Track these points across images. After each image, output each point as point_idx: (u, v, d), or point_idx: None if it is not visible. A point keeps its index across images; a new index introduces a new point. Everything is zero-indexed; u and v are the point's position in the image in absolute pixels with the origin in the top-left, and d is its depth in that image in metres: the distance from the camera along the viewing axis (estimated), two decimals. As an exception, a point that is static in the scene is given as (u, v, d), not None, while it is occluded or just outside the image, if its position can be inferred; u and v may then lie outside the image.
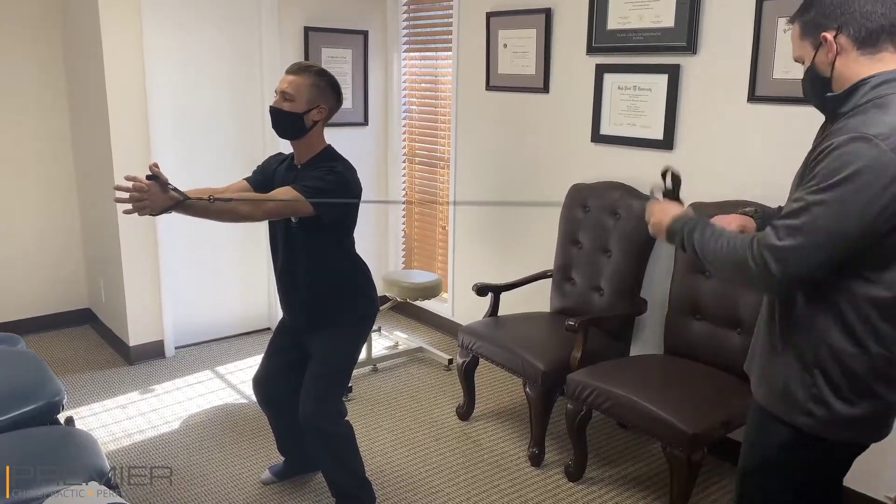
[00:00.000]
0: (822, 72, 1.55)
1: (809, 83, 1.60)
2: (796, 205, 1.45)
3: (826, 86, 1.55)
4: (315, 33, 4.36)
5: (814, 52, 1.55)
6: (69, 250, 4.50)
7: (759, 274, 1.47)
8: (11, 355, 2.67)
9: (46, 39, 4.18)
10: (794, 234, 1.43)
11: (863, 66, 1.50)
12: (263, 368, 2.72)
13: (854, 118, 1.45)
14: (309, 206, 2.24)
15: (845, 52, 1.51)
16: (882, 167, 1.37)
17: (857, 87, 1.49)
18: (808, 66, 1.58)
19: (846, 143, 1.39)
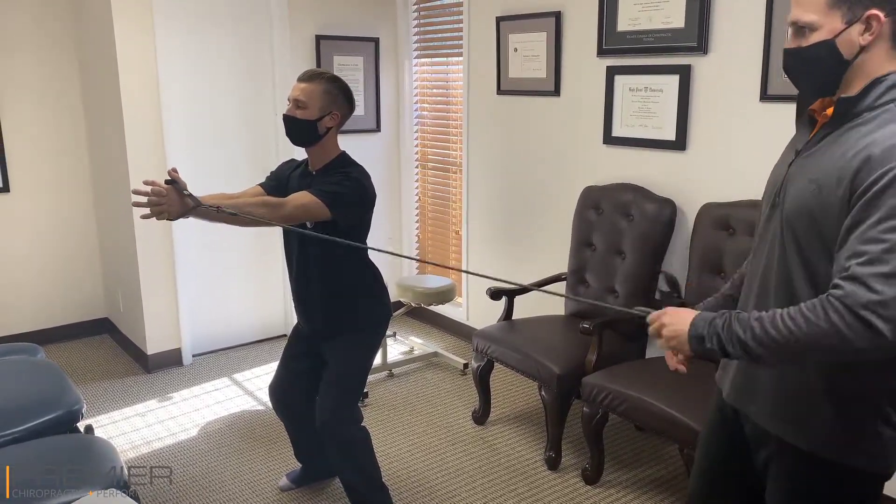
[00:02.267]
0: (843, 52, 1.31)
1: (816, 60, 1.35)
2: (877, 246, 1.19)
3: (840, 70, 1.33)
4: (326, 41, 4.39)
5: (844, 26, 1.30)
6: (86, 261, 4.54)
7: (864, 340, 1.19)
8: (31, 365, 2.70)
9: (61, 52, 4.23)
10: (892, 281, 1.18)
11: (889, 63, 1.31)
12: (279, 375, 2.73)
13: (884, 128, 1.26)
14: (326, 210, 2.25)
15: (881, 40, 1.30)
16: None
17: (872, 86, 1.31)
18: (824, 39, 1.32)
19: None
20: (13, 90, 4.11)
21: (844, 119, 1.34)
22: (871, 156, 1.24)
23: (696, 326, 1.39)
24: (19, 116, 4.16)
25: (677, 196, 3.18)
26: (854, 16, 1.29)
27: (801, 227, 1.37)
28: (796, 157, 1.43)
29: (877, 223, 1.21)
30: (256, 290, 4.46)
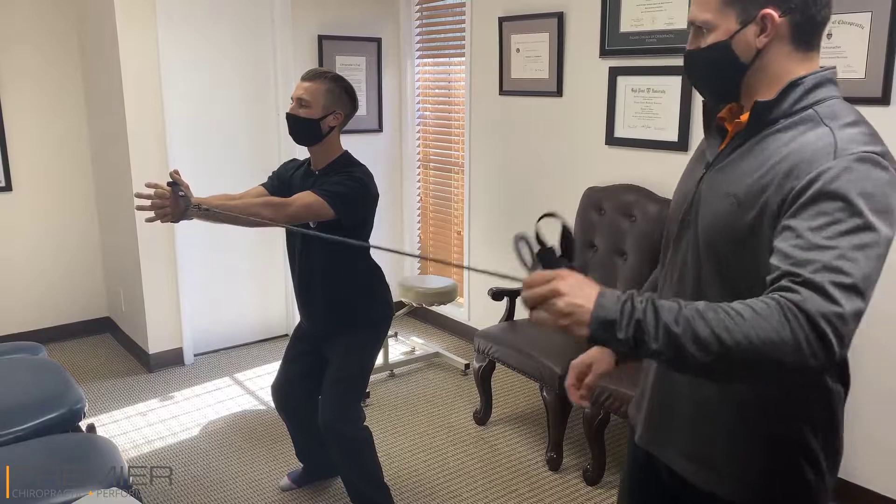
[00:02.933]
0: (740, 55, 1.21)
1: (710, 61, 1.24)
2: (827, 254, 1.04)
3: (738, 74, 1.23)
4: (329, 41, 4.39)
5: (738, 27, 1.19)
6: (88, 260, 4.55)
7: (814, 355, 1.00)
8: (33, 364, 2.71)
9: (65, 52, 4.24)
10: (852, 294, 1.02)
11: (795, 65, 1.21)
12: (281, 375, 2.73)
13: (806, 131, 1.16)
14: (330, 210, 2.26)
15: (780, 41, 1.20)
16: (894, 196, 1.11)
17: (789, 90, 1.20)
18: (720, 40, 1.21)
19: (856, 166, 1.09)
20: (16, 89, 4.12)
21: (760, 125, 1.21)
22: (799, 161, 1.13)
23: (603, 306, 1.03)
24: (22, 115, 4.17)
25: (679, 197, 3.18)
26: (748, 16, 1.19)
27: (721, 245, 1.22)
28: (707, 171, 1.29)
29: (819, 229, 1.06)
30: (258, 290, 4.46)
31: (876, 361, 2.66)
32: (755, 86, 1.23)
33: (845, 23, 2.57)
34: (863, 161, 1.09)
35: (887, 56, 2.48)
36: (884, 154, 1.12)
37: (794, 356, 0.99)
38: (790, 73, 1.20)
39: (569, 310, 1.04)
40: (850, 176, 1.08)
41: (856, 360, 2.73)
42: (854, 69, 2.57)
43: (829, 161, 1.10)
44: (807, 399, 1.25)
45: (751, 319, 1.00)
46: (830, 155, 1.11)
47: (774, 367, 1.01)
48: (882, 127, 2.57)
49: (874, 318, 2.63)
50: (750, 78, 1.23)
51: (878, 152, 1.11)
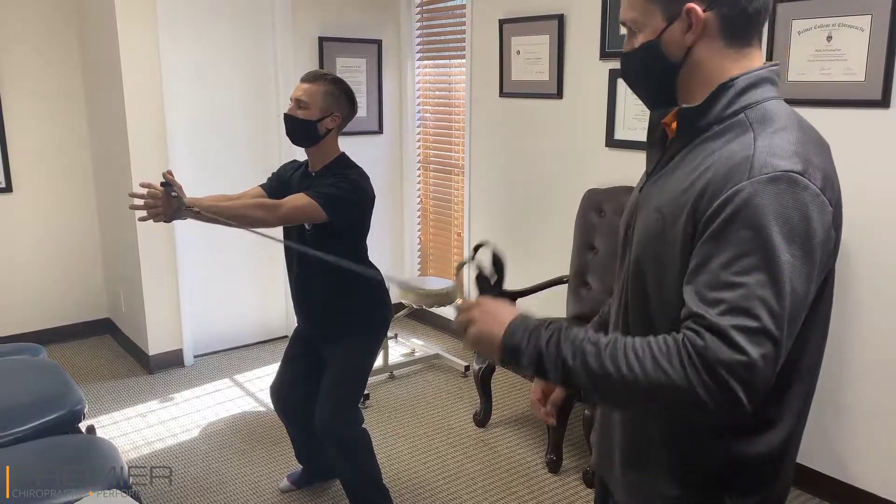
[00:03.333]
0: (669, 55, 1.11)
1: (642, 63, 1.16)
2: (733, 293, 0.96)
3: (670, 76, 1.13)
4: (329, 43, 4.39)
5: (664, 24, 1.10)
6: (89, 261, 4.55)
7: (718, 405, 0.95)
8: (33, 365, 2.71)
9: (65, 54, 4.24)
10: (761, 338, 0.95)
11: (729, 63, 1.10)
12: (280, 377, 2.73)
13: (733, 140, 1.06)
14: (322, 212, 2.26)
15: (710, 37, 1.09)
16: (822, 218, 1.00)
17: (718, 93, 1.09)
18: (648, 40, 1.12)
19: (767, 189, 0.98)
20: (17, 90, 4.12)
21: (692, 132, 1.12)
22: (714, 178, 1.03)
23: (512, 333, 1.08)
24: (22, 117, 4.17)
25: (679, 199, 3.18)
26: (672, 12, 1.09)
27: (647, 266, 1.14)
28: (646, 182, 1.21)
29: (728, 264, 0.98)
30: (258, 291, 4.46)
31: (874, 363, 2.67)
32: (690, 88, 1.13)
33: (845, 25, 2.58)
34: (776, 181, 0.98)
35: (887, 59, 2.48)
36: (804, 171, 0.99)
37: (691, 402, 0.96)
38: (725, 73, 1.10)
39: (479, 337, 1.11)
40: (762, 200, 0.97)
41: (854, 362, 2.74)
42: (854, 72, 2.57)
43: (742, 180, 0.99)
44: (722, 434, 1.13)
45: (647, 361, 0.98)
46: (745, 172, 1.00)
47: (673, 409, 1.01)
48: (882, 130, 2.58)
49: (872, 320, 2.63)
50: (684, 79, 1.13)
51: (796, 170, 0.99)
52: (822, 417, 2.79)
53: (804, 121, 1.11)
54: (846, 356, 2.73)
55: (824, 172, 1.03)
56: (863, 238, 2.63)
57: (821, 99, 2.65)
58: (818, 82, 2.65)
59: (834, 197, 1.04)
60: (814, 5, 2.63)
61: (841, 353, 2.73)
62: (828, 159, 1.08)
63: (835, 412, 2.79)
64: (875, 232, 2.59)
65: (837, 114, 2.62)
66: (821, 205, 0.99)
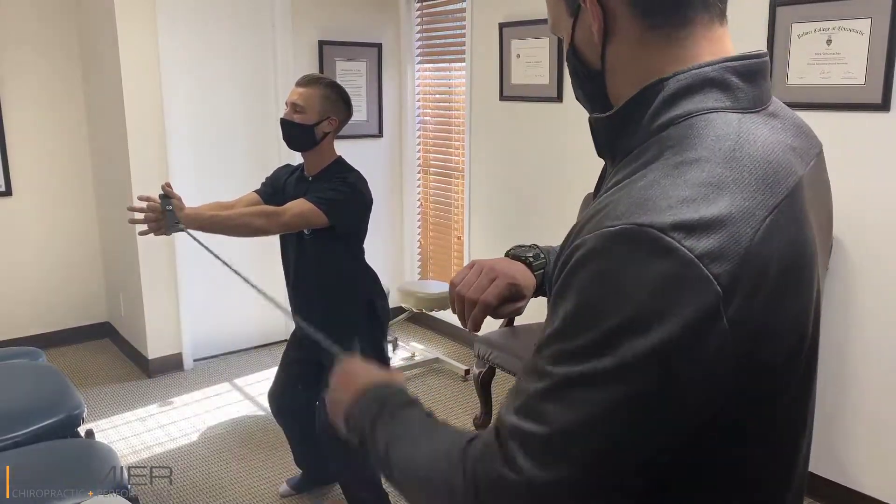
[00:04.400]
0: (587, 60, 0.82)
1: (572, 75, 0.86)
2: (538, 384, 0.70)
3: (597, 84, 0.83)
4: (329, 47, 4.40)
5: (571, 19, 0.82)
6: (88, 265, 4.55)
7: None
8: (32, 369, 2.70)
9: (65, 57, 4.25)
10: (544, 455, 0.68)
11: (655, 56, 0.77)
12: (278, 381, 2.72)
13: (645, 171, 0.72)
14: (323, 217, 2.26)
15: (622, 27, 0.77)
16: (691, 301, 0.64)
17: (639, 101, 0.77)
18: (567, 46, 0.84)
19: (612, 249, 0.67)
20: (16, 94, 4.12)
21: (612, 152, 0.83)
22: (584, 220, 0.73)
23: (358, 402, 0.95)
24: (22, 120, 4.17)
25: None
26: (573, 5, 0.81)
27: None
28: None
29: (550, 340, 0.71)
30: (257, 296, 4.44)
31: (877, 368, 2.66)
32: (618, 97, 0.81)
33: (845, 29, 2.58)
34: (628, 240, 0.66)
35: (887, 62, 2.48)
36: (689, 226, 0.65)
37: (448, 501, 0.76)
38: (652, 71, 0.77)
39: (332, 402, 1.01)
40: (602, 265, 0.67)
41: (858, 367, 2.73)
42: (854, 76, 2.57)
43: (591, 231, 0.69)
44: None
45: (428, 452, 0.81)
46: (603, 219, 0.69)
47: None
48: (882, 133, 2.58)
49: (875, 326, 2.63)
50: (613, 89, 0.81)
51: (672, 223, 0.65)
52: (826, 423, 2.78)
53: (762, 146, 0.73)
54: (849, 361, 2.72)
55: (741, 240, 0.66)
56: (864, 243, 2.62)
57: (821, 103, 2.65)
58: (818, 86, 2.65)
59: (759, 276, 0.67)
60: (814, 9, 2.63)
61: (844, 359, 2.73)
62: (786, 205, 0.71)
63: (839, 418, 2.78)
64: (876, 237, 2.59)
65: (837, 117, 2.62)
66: (694, 287, 0.64)
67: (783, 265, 0.69)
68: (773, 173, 0.71)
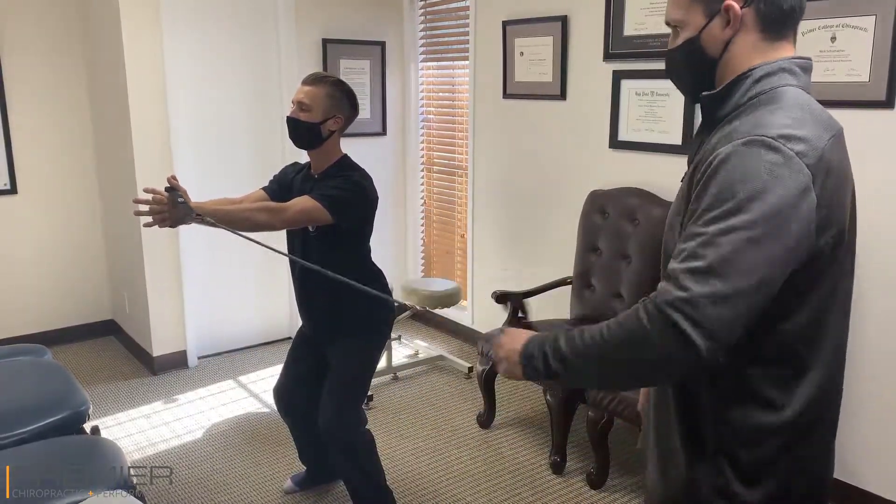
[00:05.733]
0: (708, 50, 1.20)
1: (685, 60, 1.25)
2: (694, 242, 1.04)
3: (709, 69, 1.22)
4: (333, 45, 4.40)
5: (706, 20, 1.19)
6: (93, 263, 4.56)
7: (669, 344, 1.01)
8: (38, 366, 2.71)
9: (70, 56, 4.26)
10: (704, 277, 1.01)
11: (759, 55, 1.18)
12: (283, 378, 2.73)
13: (738, 121, 1.14)
14: (327, 214, 2.26)
15: (746, 31, 1.18)
16: (793, 178, 1.05)
17: (737, 82, 1.19)
18: (690, 36, 1.22)
19: (741, 150, 1.07)
20: (21, 93, 4.14)
21: (712, 119, 1.22)
22: (707, 153, 1.13)
23: (528, 345, 1.20)
24: (27, 119, 4.18)
25: (683, 200, 3.17)
26: (713, 9, 1.18)
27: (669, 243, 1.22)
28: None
29: (699, 216, 1.07)
30: (261, 293, 4.47)
31: (881, 365, 2.66)
32: (722, 79, 1.21)
33: (849, 26, 2.57)
34: (751, 144, 1.06)
35: (891, 59, 2.48)
36: (784, 138, 1.06)
37: (652, 351, 1.04)
38: (749, 63, 1.18)
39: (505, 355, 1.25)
40: (734, 161, 1.06)
41: (863, 364, 2.72)
42: (858, 73, 2.57)
43: (724, 146, 1.09)
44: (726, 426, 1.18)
45: (613, 326, 1.09)
46: (730, 140, 1.09)
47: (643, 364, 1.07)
48: (886, 130, 2.57)
49: (880, 321, 2.63)
50: (719, 72, 1.21)
51: (771, 135, 1.06)
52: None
53: (817, 107, 1.16)
54: (854, 358, 2.71)
55: (817, 149, 1.08)
56: (868, 239, 2.61)
57: (825, 100, 2.60)
58: (822, 83, 2.65)
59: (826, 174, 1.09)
60: (818, 6, 2.63)
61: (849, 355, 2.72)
62: (833, 142, 1.13)
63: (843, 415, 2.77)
64: (881, 233, 2.59)
65: (841, 114, 2.57)
66: (794, 170, 1.05)
67: (836, 173, 1.11)
68: (827, 121, 1.16)
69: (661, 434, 1.29)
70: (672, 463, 1.25)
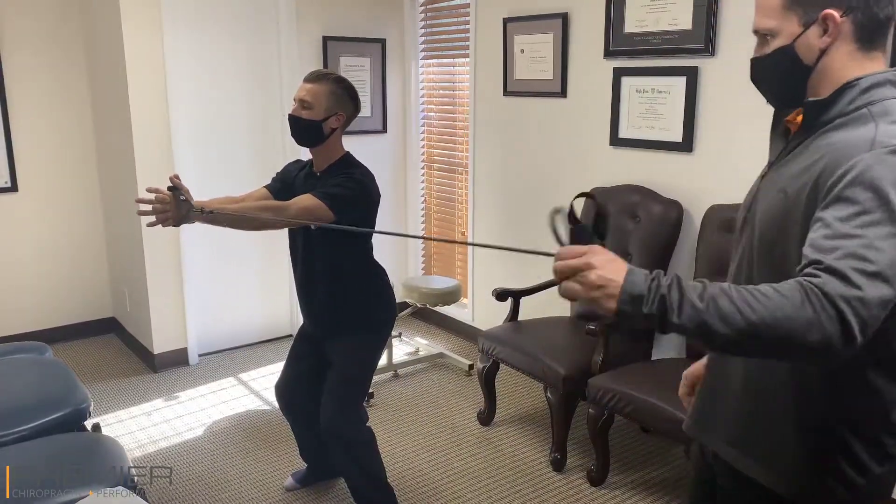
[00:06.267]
0: (803, 57, 1.24)
1: (774, 66, 1.28)
2: (852, 242, 1.07)
3: (802, 77, 1.25)
4: (333, 42, 4.40)
5: (801, 29, 1.22)
6: (94, 261, 4.56)
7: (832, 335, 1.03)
8: (39, 364, 2.72)
9: (70, 53, 4.26)
10: (876, 280, 1.05)
11: (856, 65, 1.22)
12: (285, 375, 2.74)
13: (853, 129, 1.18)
14: (329, 212, 2.26)
15: (842, 41, 1.21)
16: None
17: (843, 91, 1.22)
18: (783, 45, 1.25)
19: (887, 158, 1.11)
20: (22, 90, 4.14)
21: (814, 125, 1.25)
22: (837, 156, 1.16)
23: (633, 282, 1.08)
24: (28, 117, 4.18)
25: (684, 198, 3.18)
26: (810, 18, 1.21)
27: (771, 235, 1.26)
28: (768, 170, 1.36)
29: (847, 219, 1.09)
30: (262, 291, 4.47)
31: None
32: (817, 87, 1.25)
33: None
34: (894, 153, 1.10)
35: (892, 56, 2.47)
36: None
37: (813, 335, 1.02)
38: (849, 74, 1.22)
39: (600, 282, 1.08)
40: (882, 168, 1.09)
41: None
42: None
43: (863, 154, 1.12)
44: (849, 397, 1.23)
45: (774, 298, 1.05)
46: (866, 148, 1.13)
47: (795, 345, 1.04)
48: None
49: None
50: (813, 80, 1.25)
51: None
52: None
53: None
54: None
55: None
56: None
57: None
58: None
59: None
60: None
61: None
62: None
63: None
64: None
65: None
66: None
67: None
68: None
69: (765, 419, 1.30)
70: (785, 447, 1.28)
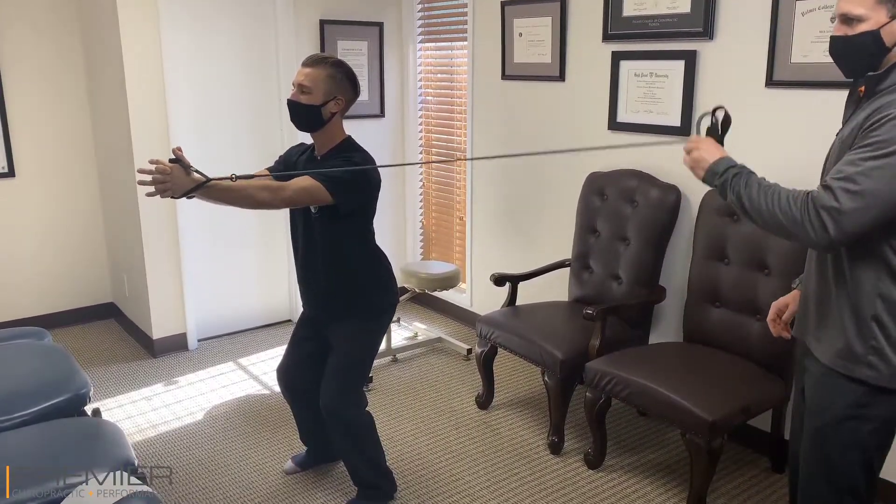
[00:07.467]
0: (885, 41, 1.59)
1: (858, 46, 1.62)
2: (853, 168, 1.51)
3: (880, 56, 1.61)
4: (330, 26, 4.37)
5: (888, 19, 1.58)
6: (92, 245, 4.56)
7: (814, 234, 1.54)
8: (39, 349, 2.73)
9: (67, 38, 4.23)
10: (855, 197, 1.50)
11: None
12: (287, 358, 2.75)
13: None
14: (328, 195, 2.26)
15: None
16: None
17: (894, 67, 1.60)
18: (870, 29, 1.59)
19: None
20: (19, 74, 4.12)
21: (874, 93, 1.62)
22: (874, 112, 1.55)
23: (718, 163, 1.71)
24: (24, 101, 4.17)
25: (682, 182, 3.17)
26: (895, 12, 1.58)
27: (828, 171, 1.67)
28: (842, 128, 1.71)
29: (860, 150, 1.53)
30: (261, 275, 4.48)
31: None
32: (885, 65, 1.62)
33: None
34: None
35: None
36: None
37: (798, 230, 1.57)
38: None
39: (699, 158, 1.75)
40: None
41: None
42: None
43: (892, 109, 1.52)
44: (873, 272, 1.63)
45: (783, 198, 1.60)
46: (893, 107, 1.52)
47: (787, 233, 1.60)
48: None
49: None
50: (885, 59, 1.61)
51: None
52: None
53: None
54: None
55: None
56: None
57: (825, 81, 2.64)
58: (823, 64, 2.64)
59: None
60: (818, -14, 2.62)
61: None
62: None
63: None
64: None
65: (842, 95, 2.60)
66: None
67: None
68: None
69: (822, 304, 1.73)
70: (831, 327, 1.70)
